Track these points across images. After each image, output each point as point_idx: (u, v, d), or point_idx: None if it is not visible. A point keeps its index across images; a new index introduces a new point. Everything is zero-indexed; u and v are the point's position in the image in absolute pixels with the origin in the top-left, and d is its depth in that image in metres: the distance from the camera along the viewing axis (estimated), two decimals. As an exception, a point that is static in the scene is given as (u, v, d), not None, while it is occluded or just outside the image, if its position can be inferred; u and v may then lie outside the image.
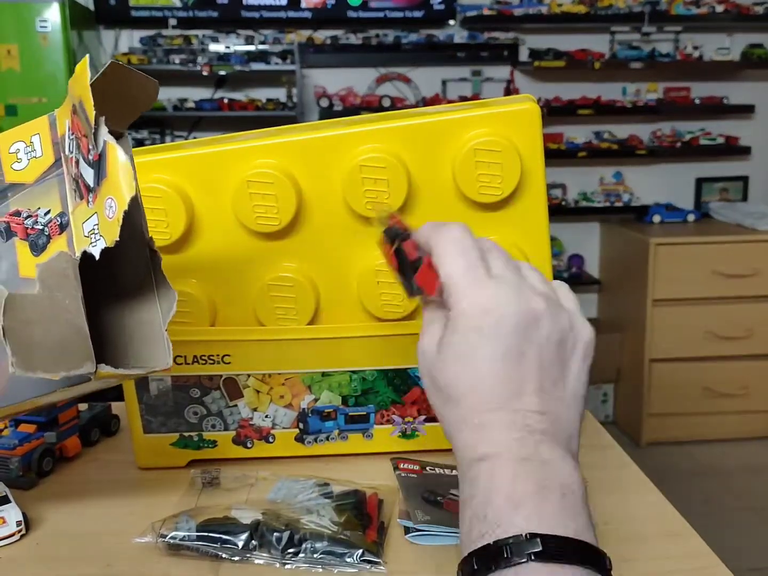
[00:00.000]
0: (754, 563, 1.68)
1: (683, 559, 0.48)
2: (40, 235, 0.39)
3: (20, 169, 0.40)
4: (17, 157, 0.41)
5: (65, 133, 0.39)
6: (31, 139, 0.41)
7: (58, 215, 0.39)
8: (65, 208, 0.39)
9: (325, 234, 0.58)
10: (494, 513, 0.30)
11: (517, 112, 0.56)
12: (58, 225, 0.39)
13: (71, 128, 0.39)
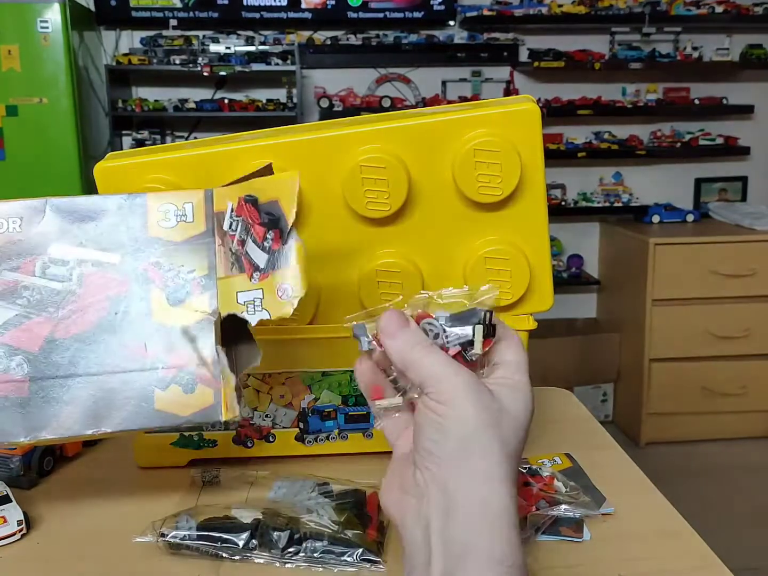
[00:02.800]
0: (753, 563, 1.68)
1: (682, 558, 0.48)
2: (181, 289, 0.45)
3: (168, 227, 0.46)
4: (166, 216, 0.46)
5: (226, 211, 0.46)
6: (183, 205, 0.46)
7: (203, 276, 0.45)
8: (212, 272, 0.46)
9: (325, 234, 0.58)
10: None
11: (516, 112, 0.56)
12: (200, 285, 0.45)
13: (236, 211, 0.46)
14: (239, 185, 0.46)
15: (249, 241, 0.45)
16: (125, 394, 0.44)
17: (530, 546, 0.49)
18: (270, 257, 0.44)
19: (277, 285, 0.44)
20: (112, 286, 0.45)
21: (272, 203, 0.45)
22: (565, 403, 0.74)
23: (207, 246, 0.45)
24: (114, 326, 0.45)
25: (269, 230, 0.44)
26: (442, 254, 0.59)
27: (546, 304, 0.60)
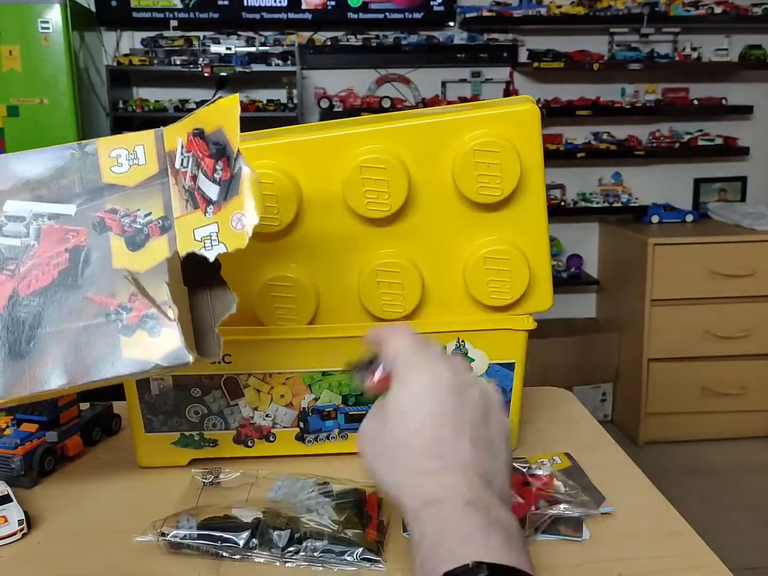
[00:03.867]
0: (752, 562, 1.68)
1: (681, 558, 0.48)
2: (139, 233, 0.44)
3: (120, 172, 0.45)
4: (118, 161, 0.45)
5: (176, 149, 0.45)
6: (134, 149, 0.45)
7: (159, 218, 0.44)
8: (168, 213, 0.44)
9: (325, 234, 0.58)
10: (445, 549, 0.32)
11: (516, 113, 0.56)
12: (159, 227, 0.44)
13: (187, 147, 0.44)
14: (186, 119, 0.45)
15: (200, 175, 0.44)
16: (92, 345, 0.44)
17: (530, 545, 0.49)
18: (221, 188, 0.43)
19: (231, 215, 0.43)
20: (70, 237, 0.44)
21: (217, 132, 0.43)
22: (565, 403, 0.74)
23: (162, 187, 0.45)
24: (75, 278, 0.44)
25: (218, 161, 0.43)
26: (442, 254, 0.59)
27: (545, 304, 0.60)
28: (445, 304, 0.60)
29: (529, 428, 0.66)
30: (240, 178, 0.43)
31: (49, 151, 0.45)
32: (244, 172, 0.43)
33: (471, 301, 0.60)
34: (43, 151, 0.45)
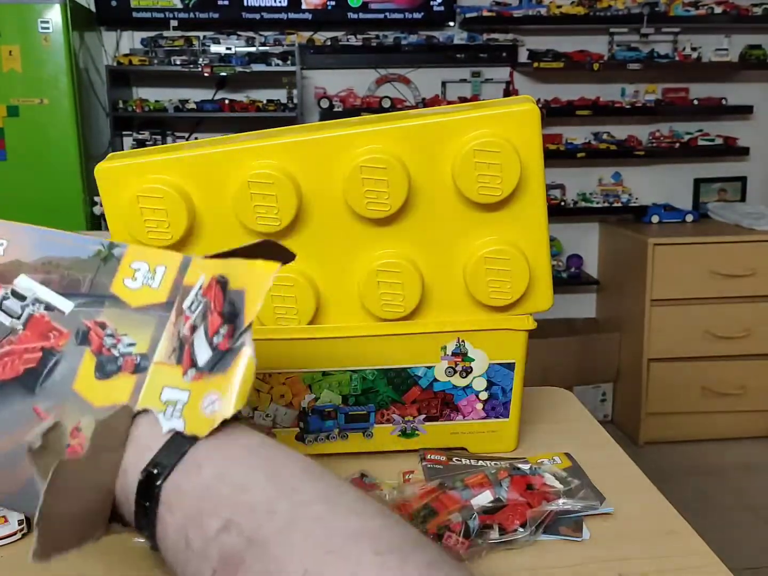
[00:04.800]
0: (752, 562, 1.69)
1: (681, 558, 0.48)
2: (113, 362, 0.38)
3: (130, 287, 0.40)
4: (134, 275, 0.40)
5: (193, 286, 0.38)
6: (155, 267, 0.40)
7: (139, 354, 0.38)
8: (151, 352, 0.38)
9: (326, 235, 0.58)
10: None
11: (516, 113, 0.56)
12: (134, 364, 0.38)
13: (204, 291, 0.38)
14: (219, 261, 0.38)
15: (200, 329, 0.37)
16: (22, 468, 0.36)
17: (530, 545, 0.49)
18: (212, 356, 0.36)
19: (205, 393, 0.35)
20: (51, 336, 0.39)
21: (238, 292, 0.37)
22: (565, 403, 0.74)
23: (159, 320, 0.38)
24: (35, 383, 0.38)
25: (225, 323, 0.36)
26: (442, 254, 0.59)
27: (546, 304, 0.61)
28: (445, 304, 0.60)
29: (529, 428, 0.66)
30: (236, 357, 0.36)
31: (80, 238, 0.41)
32: (245, 352, 0.35)
33: (471, 301, 0.60)
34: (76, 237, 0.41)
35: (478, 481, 0.52)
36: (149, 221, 0.56)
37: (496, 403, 0.61)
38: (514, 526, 0.48)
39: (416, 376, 0.59)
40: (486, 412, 0.61)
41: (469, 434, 0.62)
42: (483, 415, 0.61)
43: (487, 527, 0.48)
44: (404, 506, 0.51)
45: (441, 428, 0.61)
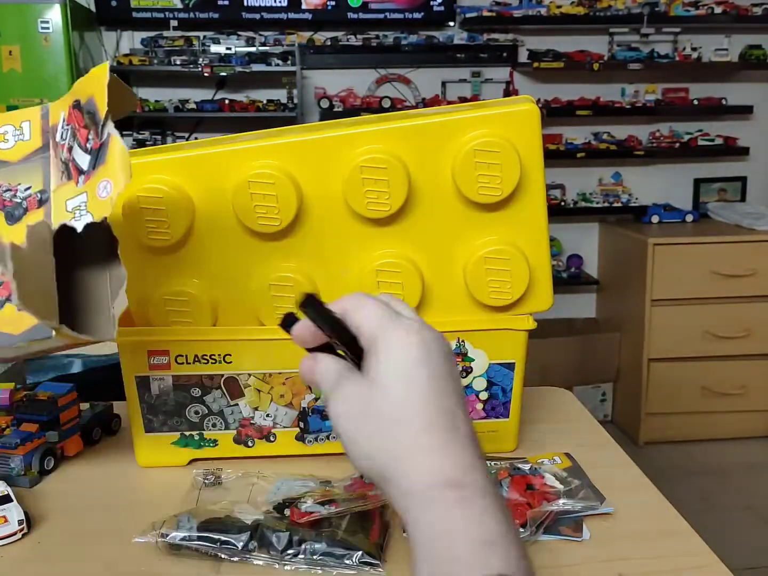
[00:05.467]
0: (752, 562, 1.68)
1: (682, 558, 0.48)
2: (18, 207, 0.44)
3: (6, 148, 0.45)
4: (5, 138, 0.46)
5: (58, 122, 0.45)
6: (21, 124, 0.46)
7: (38, 192, 0.44)
8: (47, 186, 0.44)
9: (326, 234, 0.58)
10: (465, 555, 0.28)
11: (516, 113, 0.56)
12: (37, 200, 0.44)
13: (67, 119, 0.44)
14: (68, 93, 0.45)
15: (75, 146, 0.44)
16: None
17: (530, 545, 0.49)
18: (92, 157, 0.43)
19: (97, 184, 0.43)
20: None
21: (90, 101, 0.44)
22: (565, 403, 0.74)
23: (43, 161, 0.45)
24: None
25: (90, 130, 0.43)
26: (442, 254, 0.59)
27: (546, 304, 0.60)
28: (445, 304, 0.60)
29: (529, 428, 0.66)
30: (107, 146, 0.42)
31: None
32: (112, 138, 0.42)
33: (471, 301, 0.60)
34: None
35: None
36: (149, 221, 0.56)
37: (496, 403, 0.61)
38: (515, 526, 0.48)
39: (416, 376, 0.59)
40: (486, 412, 0.61)
41: (469, 434, 0.62)
42: (483, 415, 0.61)
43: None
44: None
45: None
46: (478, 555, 0.28)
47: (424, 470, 0.30)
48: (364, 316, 0.34)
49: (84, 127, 0.43)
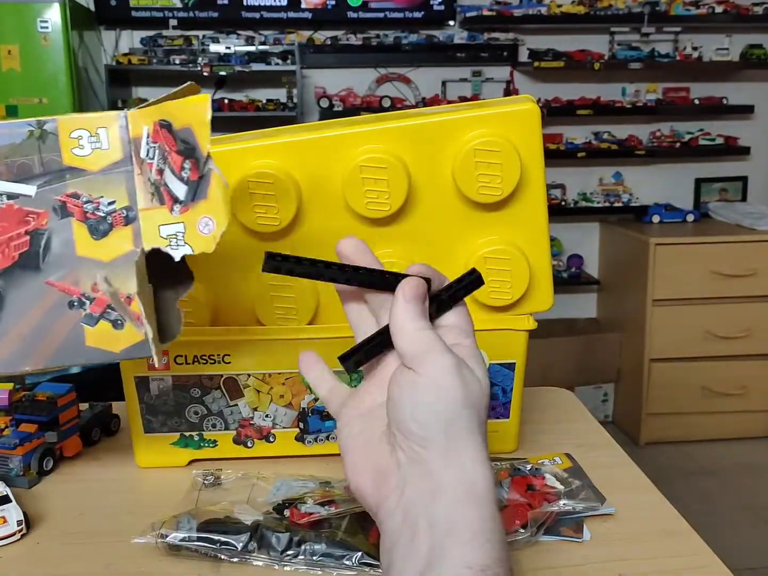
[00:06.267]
0: (753, 562, 1.68)
1: (682, 558, 0.48)
2: (102, 222, 0.43)
3: (82, 155, 0.43)
4: (80, 143, 0.43)
5: (141, 137, 0.43)
6: (97, 131, 0.43)
7: (123, 208, 0.43)
8: (133, 203, 0.43)
9: (325, 234, 0.58)
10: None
11: (516, 112, 0.56)
12: (123, 217, 0.43)
13: (152, 136, 0.43)
14: (152, 108, 0.44)
15: (167, 170, 0.43)
16: (56, 330, 0.43)
17: (530, 546, 0.49)
18: (189, 188, 0.43)
19: (198, 219, 0.43)
20: (31, 219, 0.43)
21: (186, 130, 0.43)
22: (566, 403, 0.74)
23: (126, 175, 0.43)
24: (37, 262, 0.43)
25: (186, 159, 0.43)
26: (442, 254, 0.59)
27: (546, 304, 0.60)
28: (445, 304, 0.60)
29: (529, 428, 0.66)
30: (209, 182, 0.42)
31: (4, 125, 0.44)
32: (214, 175, 0.42)
33: (471, 302, 0.60)
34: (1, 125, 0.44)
35: (479, 482, 0.52)
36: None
37: (496, 403, 0.61)
38: (515, 526, 0.48)
39: (416, 376, 0.59)
40: (486, 412, 0.61)
41: (469, 435, 0.61)
42: (483, 415, 0.61)
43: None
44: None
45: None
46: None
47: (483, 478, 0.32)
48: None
49: (177, 153, 0.42)
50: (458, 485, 0.32)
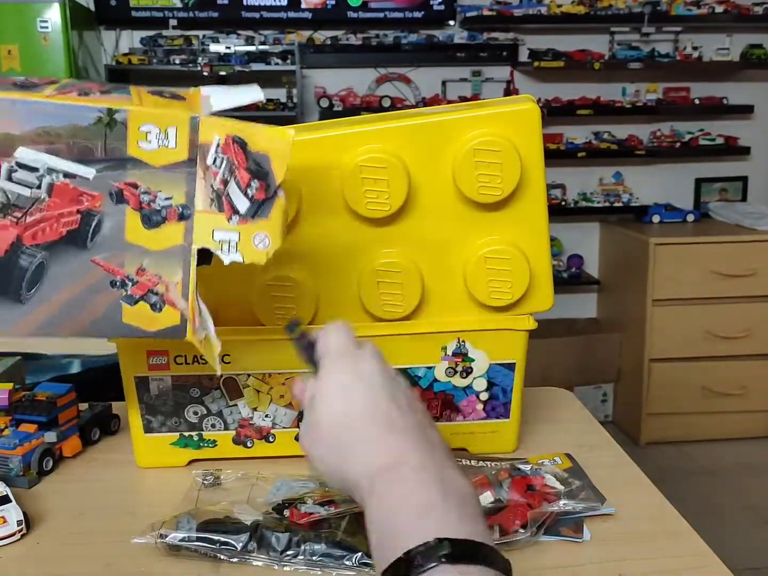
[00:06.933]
0: (752, 562, 1.68)
1: (682, 558, 0.48)
2: (156, 213, 0.45)
3: (148, 149, 0.44)
4: (147, 137, 0.44)
5: (210, 144, 0.45)
6: (167, 129, 0.44)
7: (180, 205, 0.45)
8: (190, 203, 0.45)
9: (325, 234, 0.58)
10: (404, 525, 0.32)
11: (516, 112, 0.56)
12: (177, 213, 0.45)
13: (223, 148, 0.45)
14: (229, 120, 0.45)
15: (232, 183, 0.45)
16: (94, 304, 0.45)
17: (530, 546, 0.48)
18: (252, 205, 0.45)
19: (255, 233, 0.45)
20: (84, 200, 0.44)
21: (263, 156, 0.45)
22: (565, 403, 0.74)
23: (188, 176, 0.45)
24: (85, 240, 0.45)
25: (254, 179, 0.45)
26: (442, 254, 0.59)
27: (546, 304, 0.60)
28: (445, 304, 0.60)
29: (529, 429, 0.66)
30: (273, 204, 0.45)
31: (74, 107, 0.44)
32: (279, 200, 0.45)
33: (471, 301, 0.60)
34: (67, 106, 0.44)
35: (479, 482, 0.52)
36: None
37: (496, 403, 0.61)
38: (515, 526, 0.48)
39: (416, 376, 0.59)
40: (486, 412, 0.61)
41: (469, 435, 0.61)
42: (483, 415, 0.61)
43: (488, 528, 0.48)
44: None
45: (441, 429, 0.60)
46: (415, 524, 0.32)
47: (364, 462, 0.36)
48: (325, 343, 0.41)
49: (246, 170, 0.45)
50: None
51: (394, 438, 0.36)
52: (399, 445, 0.36)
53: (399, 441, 0.36)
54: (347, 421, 0.38)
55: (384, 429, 0.37)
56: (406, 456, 0.35)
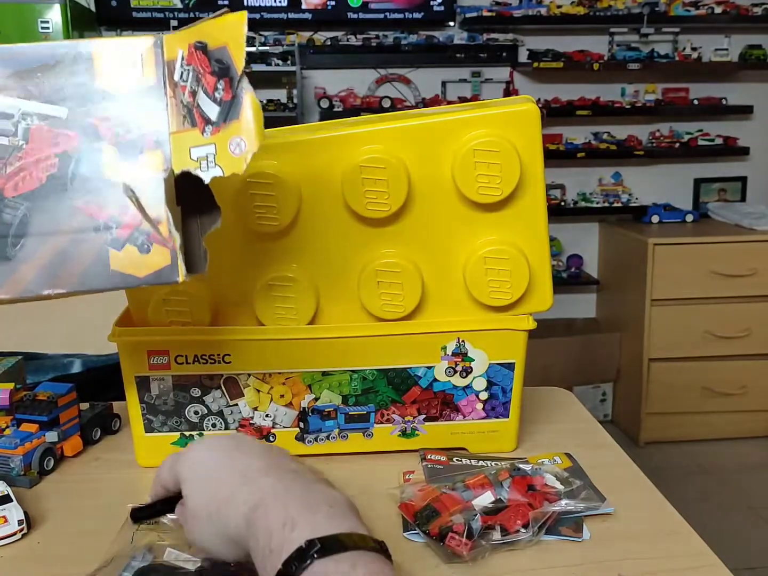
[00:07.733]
0: (752, 562, 1.68)
1: (682, 558, 0.48)
2: (132, 145, 0.43)
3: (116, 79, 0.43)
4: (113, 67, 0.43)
5: (175, 59, 0.43)
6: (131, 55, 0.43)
7: (155, 131, 0.43)
8: (164, 127, 0.43)
9: (325, 234, 0.58)
10: (277, 542, 0.35)
11: (516, 113, 0.56)
12: (153, 140, 0.43)
13: (187, 59, 0.42)
14: (189, 30, 0.44)
15: (200, 92, 0.43)
16: (80, 254, 0.43)
17: (531, 546, 0.49)
18: (221, 109, 0.42)
19: (229, 139, 0.42)
20: (61, 141, 0.43)
21: (221, 49, 0.42)
22: (565, 403, 0.74)
23: (158, 99, 0.43)
24: (65, 184, 0.43)
25: (219, 79, 0.42)
26: (442, 254, 0.59)
27: (545, 304, 0.60)
28: (445, 304, 0.60)
29: (529, 428, 0.66)
30: (242, 102, 0.42)
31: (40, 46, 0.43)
32: (247, 95, 0.42)
33: (471, 301, 0.60)
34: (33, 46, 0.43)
35: (479, 482, 0.52)
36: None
37: (496, 403, 0.61)
38: (517, 526, 0.48)
39: (416, 376, 0.59)
40: (486, 412, 0.61)
41: (469, 434, 0.62)
42: (483, 415, 0.61)
43: (490, 528, 0.48)
44: (408, 507, 0.51)
45: (441, 428, 0.61)
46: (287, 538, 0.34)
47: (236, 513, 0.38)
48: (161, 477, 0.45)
49: (211, 74, 0.42)
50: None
51: (255, 480, 0.39)
52: (262, 483, 0.39)
53: (261, 480, 0.39)
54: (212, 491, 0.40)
55: (245, 479, 0.40)
56: (269, 489, 0.38)
